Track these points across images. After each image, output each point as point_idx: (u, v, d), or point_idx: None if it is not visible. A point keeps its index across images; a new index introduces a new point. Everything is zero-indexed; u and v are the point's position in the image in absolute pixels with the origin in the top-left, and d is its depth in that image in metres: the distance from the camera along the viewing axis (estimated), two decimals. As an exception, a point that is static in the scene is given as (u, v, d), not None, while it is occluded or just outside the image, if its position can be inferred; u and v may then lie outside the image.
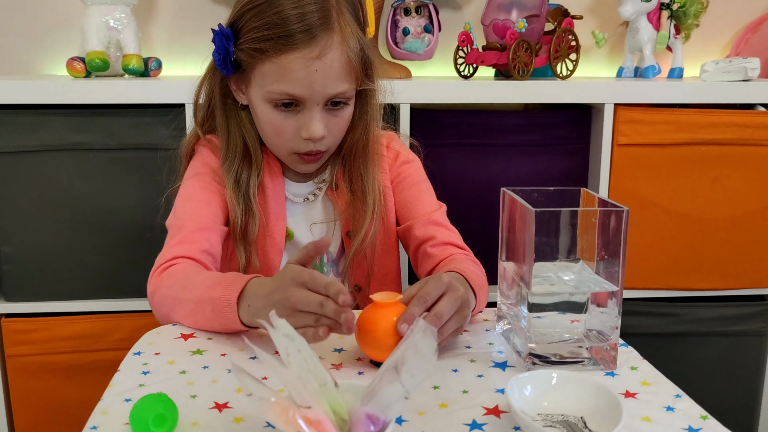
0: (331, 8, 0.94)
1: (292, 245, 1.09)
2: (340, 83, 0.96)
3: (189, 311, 0.88)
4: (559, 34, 1.50)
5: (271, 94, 0.96)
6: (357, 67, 0.98)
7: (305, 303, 0.75)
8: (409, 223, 1.08)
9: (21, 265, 1.39)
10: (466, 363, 0.79)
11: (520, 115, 1.51)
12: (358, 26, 0.99)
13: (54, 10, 1.64)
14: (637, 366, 0.79)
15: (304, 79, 0.93)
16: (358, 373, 0.76)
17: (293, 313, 0.75)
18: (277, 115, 0.98)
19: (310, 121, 0.96)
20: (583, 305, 0.80)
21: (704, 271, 1.50)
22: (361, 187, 1.06)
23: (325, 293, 0.75)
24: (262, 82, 0.96)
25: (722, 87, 1.44)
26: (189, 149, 1.11)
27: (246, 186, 1.03)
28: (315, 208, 1.10)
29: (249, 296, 0.82)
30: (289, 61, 0.92)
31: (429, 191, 1.12)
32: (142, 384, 0.73)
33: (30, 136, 1.33)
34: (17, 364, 1.42)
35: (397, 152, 1.12)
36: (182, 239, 0.98)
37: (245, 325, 0.83)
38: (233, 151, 1.04)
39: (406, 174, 1.11)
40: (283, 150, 1.02)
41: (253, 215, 1.03)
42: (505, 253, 0.85)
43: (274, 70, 0.94)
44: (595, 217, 0.77)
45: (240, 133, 1.04)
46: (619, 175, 1.44)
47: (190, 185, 1.05)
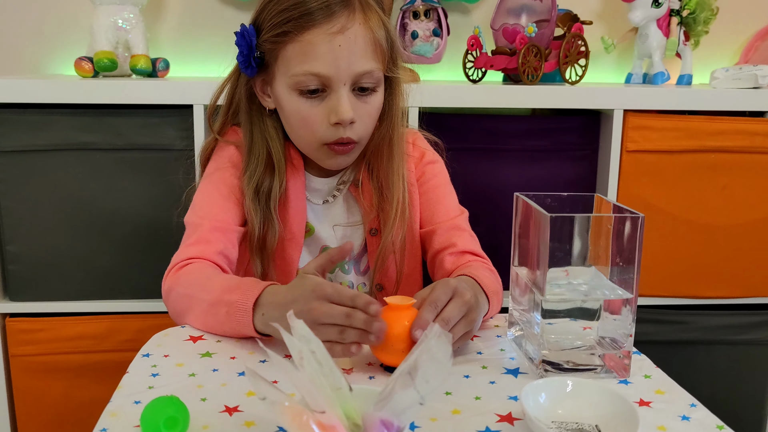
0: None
1: (312, 241, 1.08)
2: (365, 60, 0.93)
3: (202, 312, 0.86)
4: (568, 39, 1.49)
5: (296, 78, 0.93)
6: (384, 50, 0.96)
7: (329, 315, 0.74)
8: (431, 228, 1.07)
9: (26, 264, 1.38)
10: (478, 369, 0.78)
11: (529, 120, 1.50)
12: (383, 13, 0.98)
13: (63, 9, 1.64)
14: (650, 374, 0.78)
15: (328, 55, 0.91)
16: (369, 378, 0.75)
17: (314, 327, 0.71)
18: (304, 103, 0.95)
19: (338, 103, 0.93)
20: (596, 312, 0.79)
21: (713, 279, 1.49)
22: (387, 183, 1.03)
23: (351, 305, 0.74)
24: (287, 68, 0.94)
25: (732, 94, 1.44)
26: (207, 153, 1.09)
27: (267, 196, 1.01)
28: (336, 207, 1.08)
29: (264, 304, 0.81)
30: (312, 37, 0.91)
31: (452, 194, 1.10)
32: (151, 386, 0.72)
33: (38, 135, 1.33)
34: (21, 364, 1.41)
35: (423, 151, 1.11)
36: (199, 239, 0.97)
37: (258, 332, 0.82)
38: (255, 160, 1.01)
39: (431, 174, 1.09)
40: (312, 143, 0.99)
41: (272, 226, 1.00)
42: (517, 259, 0.85)
43: (297, 50, 0.92)
44: (610, 223, 0.76)
45: (264, 143, 1.02)
46: (627, 181, 1.44)
47: (209, 182, 1.03)
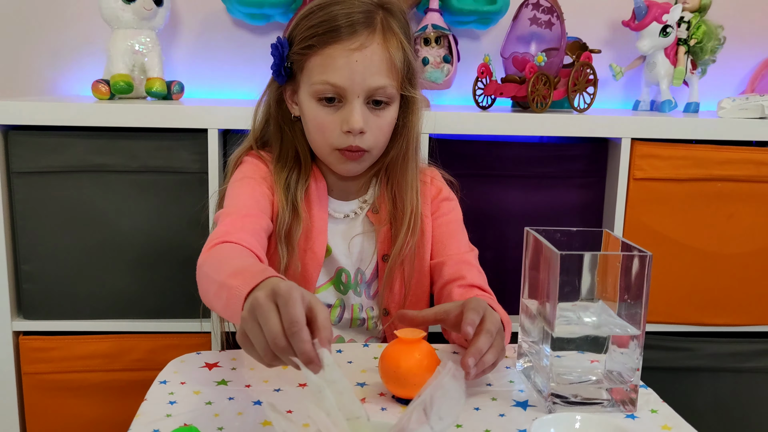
0: (376, 15, 1.02)
1: (330, 262, 1.12)
2: (379, 77, 1.01)
3: (213, 294, 0.84)
4: (577, 67, 1.51)
5: (315, 86, 1.01)
6: (399, 70, 1.03)
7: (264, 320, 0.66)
8: (441, 260, 1.11)
9: (40, 283, 1.40)
10: (488, 401, 0.80)
11: (537, 146, 1.52)
12: (406, 39, 1.05)
13: (81, 33, 1.67)
14: (657, 409, 0.79)
15: (345, 68, 0.99)
16: (381, 409, 0.77)
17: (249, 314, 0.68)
18: (321, 110, 1.03)
19: (350, 113, 1.01)
20: (604, 345, 0.80)
21: (719, 307, 1.50)
22: (401, 200, 1.10)
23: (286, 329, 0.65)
24: (309, 77, 1.02)
25: (739, 124, 1.45)
26: (238, 159, 1.15)
27: (295, 189, 1.08)
28: (355, 226, 1.13)
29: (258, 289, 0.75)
30: (332, 51, 0.99)
31: (464, 232, 1.15)
32: (169, 414, 0.74)
33: (54, 157, 1.35)
34: (33, 381, 1.43)
35: (440, 188, 1.17)
36: (234, 220, 0.99)
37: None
38: (285, 157, 1.10)
39: (446, 210, 1.15)
40: (326, 147, 1.06)
41: (298, 218, 1.07)
42: (527, 291, 0.86)
43: (319, 61, 1.00)
44: (618, 261, 0.78)
45: (292, 141, 1.11)
46: (634, 209, 1.45)
47: (238, 186, 1.08)
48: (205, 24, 1.71)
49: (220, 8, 1.66)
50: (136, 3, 1.48)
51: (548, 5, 1.50)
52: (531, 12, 1.53)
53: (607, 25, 1.77)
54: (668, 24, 1.60)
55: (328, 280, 1.13)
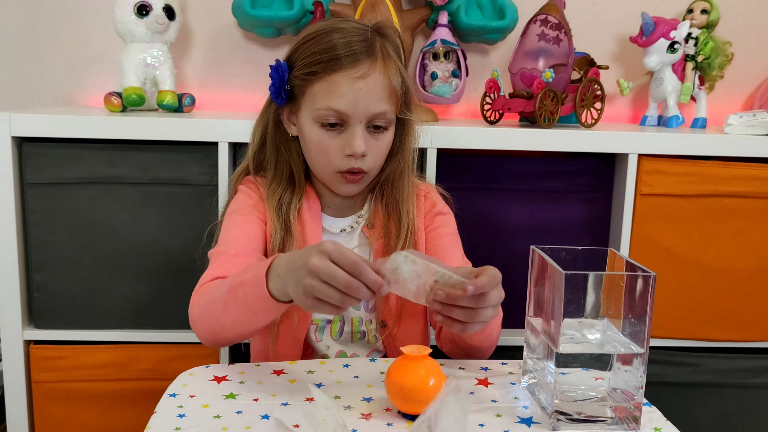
0: (375, 43, 1.06)
1: None
2: (381, 103, 1.04)
3: (224, 305, 0.92)
4: (585, 83, 1.53)
5: (319, 112, 1.04)
6: (398, 95, 1.07)
7: (331, 277, 0.78)
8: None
9: (52, 293, 1.42)
10: (492, 418, 0.80)
11: (544, 161, 1.53)
12: (401, 62, 1.09)
13: (94, 46, 1.70)
14: (660, 427, 0.80)
15: (349, 95, 1.02)
16: (387, 424, 0.78)
17: (313, 280, 0.78)
18: (324, 134, 1.06)
19: (353, 138, 1.04)
20: (608, 362, 0.81)
21: (724, 322, 1.51)
22: (396, 216, 1.12)
23: (352, 271, 0.78)
24: (312, 102, 1.05)
25: (746, 140, 1.46)
26: (238, 180, 1.18)
27: (287, 208, 1.11)
28: (351, 241, 1.15)
29: (277, 266, 0.87)
30: (336, 78, 1.02)
31: (458, 245, 1.16)
32: (178, 428, 0.75)
33: (67, 168, 1.37)
34: (43, 390, 1.44)
35: (434, 202, 1.19)
36: (222, 262, 1.04)
37: (276, 298, 0.86)
38: (279, 176, 1.13)
39: (440, 224, 1.16)
40: (328, 169, 1.09)
41: (291, 236, 1.09)
42: (532, 309, 0.87)
43: (323, 87, 1.03)
44: (622, 281, 0.79)
45: (287, 161, 1.13)
46: (641, 224, 1.46)
47: (231, 219, 1.12)
48: (217, 38, 1.73)
49: (231, 22, 1.68)
50: (148, 17, 1.51)
51: (556, 21, 1.52)
52: (539, 28, 1.54)
53: (615, 41, 1.79)
54: (676, 40, 1.61)
55: None
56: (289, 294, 0.84)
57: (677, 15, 1.72)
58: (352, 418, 0.79)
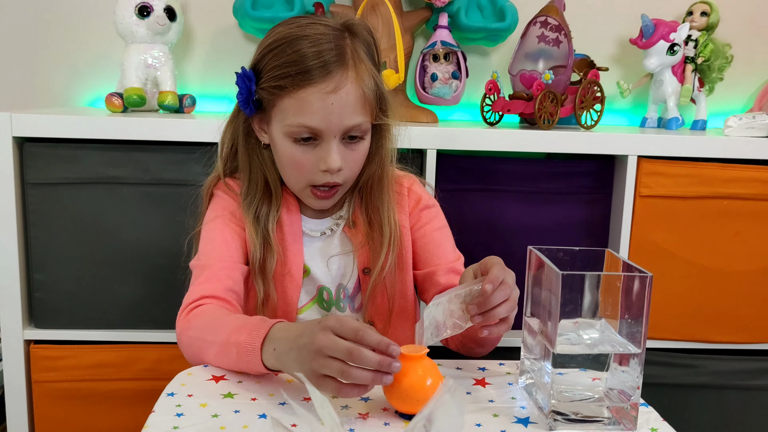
0: (346, 47, 1.00)
1: (310, 281, 1.11)
2: (355, 115, 1.00)
3: (216, 354, 0.90)
4: (584, 85, 1.53)
5: (290, 128, 1.00)
6: (372, 102, 1.02)
7: (332, 348, 0.76)
8: (431, 269, 1.10)
9: (52, 292, 1.42)
10: (489, 417, 0.81)
11: (543, 163, 1.53)
12: (373, 65, 1.04)
13: (96, 47, 1.71)
14: (657, 427, 0.80)
15: (321, 112, 0.98)
16: (384, 424, 0.78)
17: (318, 358, 0.76)
18: (297, 149, 1.02)
19: (328, 153, 1.01)
20: (605, 362, 0.81)
21: (724, 324, 1.51)
22: (378, 221, 1.09)
23: (354, 339, 0.76)
24: (282, 117, 1.01)
25: (745, 142, 1.46)
26: (210, 189, 1.14)
27: (265, 221, 1.07)
28: (332, 243, 1.12)
29: (274, 339, 0.84)
30: (307, 95, 0.97)
31: (449, 238, 1.14)
32: (176, 426, 0.75)
33: (68, 169, 1.38)
34: (43, 390, 1.45)
35: (418, 196, 1.15)
36: (207, 278, 1.01)
37: (269, 368, 0.85)
38: (254, 188, 1.08)
39: (428, 219, 1.13)
40: (300, 183, 1.06)
41: (271, 250, 1.06)
42: (530, 309, 0.87)
43: (293, 104, 0.99)
44: (619, 281, 0.79)
45: (261, 170, 1.09)
46: (640, 226, 1.46)
47: (210, 228, 1.08)
48: (217, 39, 1.74)
49: (232, 23, 1.69)
50: (149, 18, 1.51)
51: (556, 23, 1.52)
52: (539, 30, 1.55)
53: (615, 43, 1.79)
54: (675, 42, 1.62)
55: (310, 299, 1.12)
56: (290, 373, 0.83)
57: (677, 17, 1.73)
58: (350, 418, 0.79)
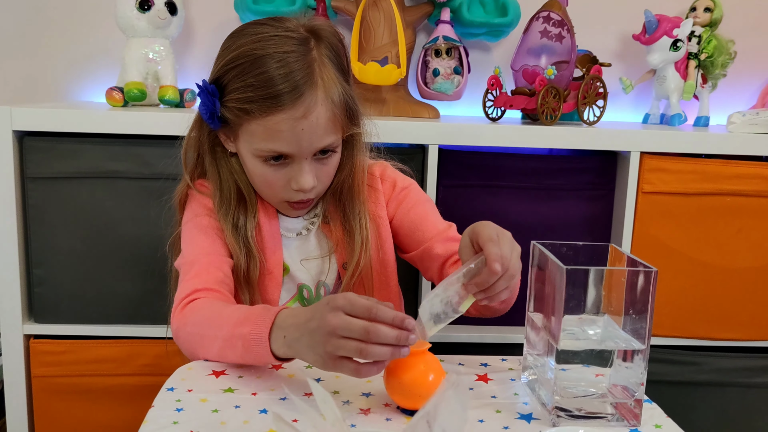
0: (313, 62, 0.96)
1: (290, 279, 1.10)
2: (326, 137, 0.98)
3: (219, 348, 0.88)
4: (587, 81, 1.52)
5: (260, 152, 0.98)
6: (341, 118, 1.00)
7: (346, 329, 0.74)
8: (426, 246, 1.08)
9: (52, 287, 1.42)
10: (492, 413, 0.80)
11: (546, 158, 1.53)
12: (341, 74, 1.00)
13: (96, 41, 1.70)
14: (661, 424, 0.80)
15: (292, 138, 0.96)
16: (386, 419, 0.77)
17: (332, 340, 0.74)
18: (267, 169, 1.00)
19: (300, 173, 0.99)
20: (609, 359, 0.81)
21: (727, 321, 1.50)
22: (350, 225, 1.07)
23: (368, 317, 0.74)
24: (250, 139, 0.98)
25: (748, 139, 1.46)
26: (182, 197, 1.12)
27: (244, 230, 1.04)
28: (309, 242, 1.11)
29: (283, 327, 0.82)
30: (275, 122, 0.95)
31: (434, 210, 1.12)
32: (176, 421, 0.75)
33: (68, 163, 1.37)
34: (43, 384, 1.44)
35: (393, 181, 1.13)
36: (197, 272, 0.99)
37: (279, 358, 0.82)
38: (227, 198, 1.05)
39: (407, 198, 1.12)
40: (274, 199, 1.05)
41: (253, 258, 1.04)
42: (533, 305, 0.87)
43: (261, 130, 0.96)
44: (623, 276, 0.78)
45: (232, 179, 1.06)
46: (643, 222, 1.46)
47: (191, 227, 1.06)
48: (219, 33, 1.70)
49: (234, 18, 1.68)
50: (150, 12, 1.50)
51: (559, 18, 1.51)
52: (542, 25, 1.54)
53: (618, 38, 1.78)
54: (679, 38, 1.61)
55: (290, 297, 1.11)
56: (305, 359, 0.80)
57: (680, 13, 1.72)
58: (351, 414, 0.78)
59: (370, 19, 1.53)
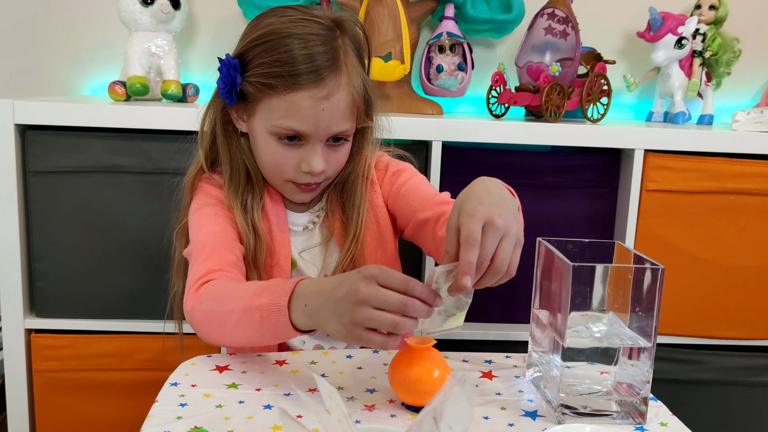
0: (338, 49, 0.97)
1: (296, 273, 1.09)
2: (343, 122, 0.99)
3: (235, 322, 0.85)
4: (591, 78, 1.52)
5: (276, 128, 0.98)
6: (360, 107, 1.01)
7: (383, 300, 0.72)
8: (419, 217, 1.05)
9: (53, 281, 1.42)
10: (497, 411, 0.80)
11: (549, 156, 1.52)
12: (361, 65, 1.02)
13: (99, 35, 1.69)
14: (666, 422, 0.79)
15: (311, 117, 0.96)
16: (391, 416, 0.77)
17: (362, 309, 0.72)
18: (279, 148, 1.00)
19: (312, 155, 0.99)
20: (614, 356, 0.80)
21: (729, 320, 1.50)
22: (347, 217, 1.07)
23: (403, 290, 0.72)
24: (269, 115, 0.98)
25: (752, 137, 1.45)
26: (193, 181, 1.11)
27: (252, 211, 1.05)
28: (314, 236, 1.10)
29: (303, 295, 0.79)
30: (297, 99, 0.95)
31: (426, 184, 1.11)
32: (180, 416, 0.75)
33: (71, 157, 1.37)
34: (44, 379, 1.44)
35: (386, 165, 1.13)
36: (209, 254, 0.97)
37: (298, 329, 0.80)
38: (237, 176, 1.05)
39: (399, 177, 1.11)
40: (278, 179, 1.04)
41: (260, 239, 1.04)
42: (538, 302, 0.86)
43: (282, 106, 0.96)
44: (630, 273, 0.78)
45: (242, 159, 1.06)
46: (646, 220, 1.45)
47: (200, 215, 1.05)
48: (222, 28, 1.72)
49: (237, 12, 1.67)
50: (153, 6, 1.50)
51: (563, 15, 1.51)
52: (546, 22, 1.53)
53: (622, 36, 1.77)
54: (683, 36, 1.60)
55: None
56: (326, 328, 0.76)
57: (685, 10, 1.71)
58: (355, 410, 0.78)
59: (374, 14, 1.52)
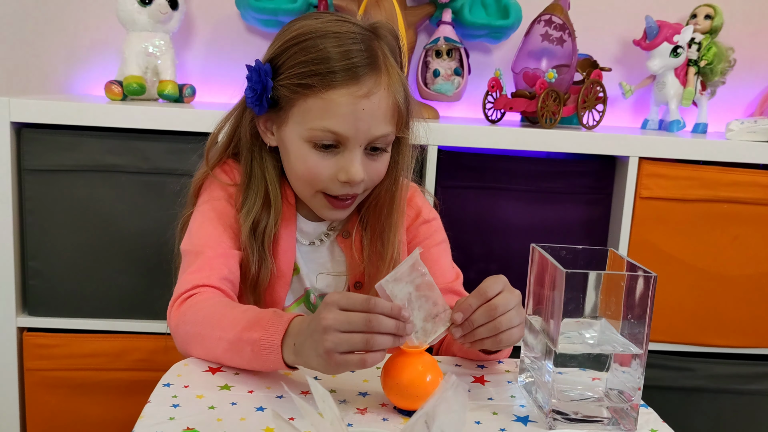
0: (377, 49, 0.94)
1: (297, 280, 1.07)
2: (384, 125, 0.94)
3: (223, 351, 0.85)
4: (587, 85, 1.52)
5: (313, 132, 0.93)
6: (402, 113, 0.97)
7: (346, 322, 0.73)
8: None
9: (47, 280, 1.41)
10: (489, 415, 0.80)
11: (544, 162, 1.53)
12: (401, 69, 0.98)
13: (96, 34, 1.69)
14: (657, 429, 0.80)
15: (350, 116, 0.91)
16: (383, 419, 0.77)
17: (330, 336, 0.73)
18: (315, 155, 0.94)
19: (351, 163, 0.94)
20: (606, 363, 0.81)
21: (721, 328, 1.51)
22: (383, 239, 1.02)
23: (366, 310, 0.73)
24: (304, 119, 0.93)
25: (746, 147, 1.46)
26: (198, 186, 1.08)
27: (262, 235, 1.00)
28: (320, 252, 1.07)
29: (293, 334, 0.80)
30: (336, 96, 0.91)
31: (447, 254, 1.09)
32: (172, 417, 0.75)
33: (66, 156, 1.36)
34: (35, 378, 1.44)
35: (418, 209, 1.09)
36: (200, 266, 0.95)
37: (289, 365, 0.81)
38: (254, 196, 1.00)
39: (426, 234, 1.08)
40: (310, 190, 0.98)
41: (265, 264, 1.00)
42: (531, 307, 0.87)
43: (319, 105, 0.92)
44: (623, 281, 0.78)
45: (263, 178, 1.01)
46: (640, 227, 1.46)
47: (204, 210, 1.02)
48: (219, 29, 1.72)
49: (234, 13, 1.68)
50: (151, 6, 1.50)
51: (560, 22, 1.51)
52: (543, 28, 1.54)
53: (618, 43, 1.78)
54: (679, 44, 1.61)
55: (296, 299, 1.08)
56: (310, 365, 0.77)
57: (681, 19, 1.72)
58: (348, 413, 0.78)
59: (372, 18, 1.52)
